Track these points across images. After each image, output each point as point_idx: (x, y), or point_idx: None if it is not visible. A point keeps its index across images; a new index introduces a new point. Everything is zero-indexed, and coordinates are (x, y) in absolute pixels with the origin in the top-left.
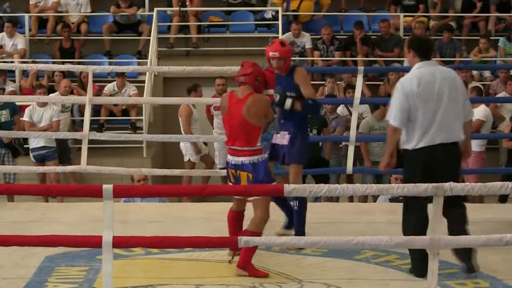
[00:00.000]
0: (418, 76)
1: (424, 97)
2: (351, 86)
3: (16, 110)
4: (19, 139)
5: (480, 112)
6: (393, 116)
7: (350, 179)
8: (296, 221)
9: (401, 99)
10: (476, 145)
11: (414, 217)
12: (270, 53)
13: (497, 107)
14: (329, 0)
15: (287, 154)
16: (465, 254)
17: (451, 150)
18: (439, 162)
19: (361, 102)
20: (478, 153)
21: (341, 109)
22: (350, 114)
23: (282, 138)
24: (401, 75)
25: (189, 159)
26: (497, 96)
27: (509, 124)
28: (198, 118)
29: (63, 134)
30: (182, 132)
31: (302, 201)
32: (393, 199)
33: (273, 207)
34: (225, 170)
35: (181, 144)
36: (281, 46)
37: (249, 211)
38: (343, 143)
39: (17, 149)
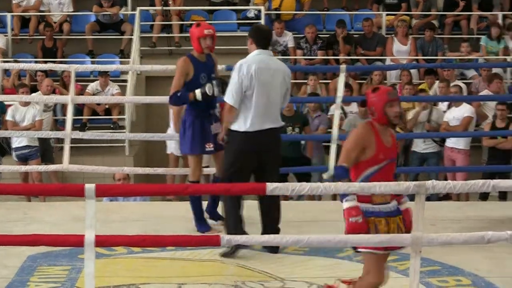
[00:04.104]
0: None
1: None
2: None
3: (4, 109)
4: (6, 138)
5: (468, 109)
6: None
7: None
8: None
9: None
10: (464, 143)
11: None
12: (206, 31)
13: (480, 106)
14: None
15: (217, 142)
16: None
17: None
18: (268, 145)
19: (344, 101)
20: (465, 151)
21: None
22: (344, 113)
23: (216, 127)
24: (384, 74)
25: (172, 152)
26: (480, 94)
27: (489, 122)
28: None
29: (45, 133)
30: (171, 124)
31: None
32: None
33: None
34: (209, 169)
35: (168, 132)
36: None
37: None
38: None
39: (4, 148)
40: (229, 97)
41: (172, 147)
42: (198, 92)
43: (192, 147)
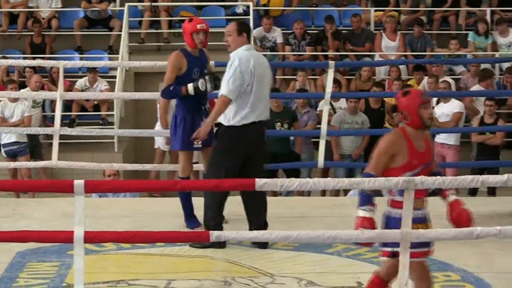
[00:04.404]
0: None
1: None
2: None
3: None
4: None
5: (458, 105)
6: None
7: (325, 174)
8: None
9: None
10: (455, 139)
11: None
12: (199, 26)
13: (472, 101)
14: None
15: (212, 136)
16: None
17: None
18: (257, 138)
19: (333, 97)
20: (455, 147)
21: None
22: (333, 109)
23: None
24: (373, 70)
25: (159, 147)
26: (471, 90)
27: (478, 118)
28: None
29: (34, 129)
30: (158, 118)
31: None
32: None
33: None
34: (199, 165)
35: (156, 128)
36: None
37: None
38: None
39: None
40: (228, 91)
41: (159, 142)
42: (190, 86)
43: (182, 143)
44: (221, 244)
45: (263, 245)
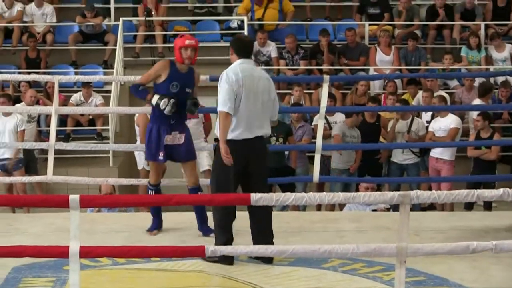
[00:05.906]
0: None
1: (246, 89)
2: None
3: None
4: None
5: (455, 120)
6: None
7: (320, 188)
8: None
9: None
10: (450, 154)
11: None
12: (187, 41)
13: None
14: (293, 8)
15: (184, 152)
16: None
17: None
18: (255, 153)
19: (328, 111)
20: (450, 162)
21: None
22: (328, 123)
23: (174, 138)
24: (369, 84)
25: (143, 167)
26: (473, 104)
27: (473, 132)
28: None
29: (29, 144)
30: (139, 141)
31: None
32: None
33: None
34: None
35: (136, 153)
36: (194, 37)
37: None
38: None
39: None
40: (223, 105)
41: (142, 162)
42: (155, 98)
43: (147, 154)
44: (229, 260)
45: (268, 259)
